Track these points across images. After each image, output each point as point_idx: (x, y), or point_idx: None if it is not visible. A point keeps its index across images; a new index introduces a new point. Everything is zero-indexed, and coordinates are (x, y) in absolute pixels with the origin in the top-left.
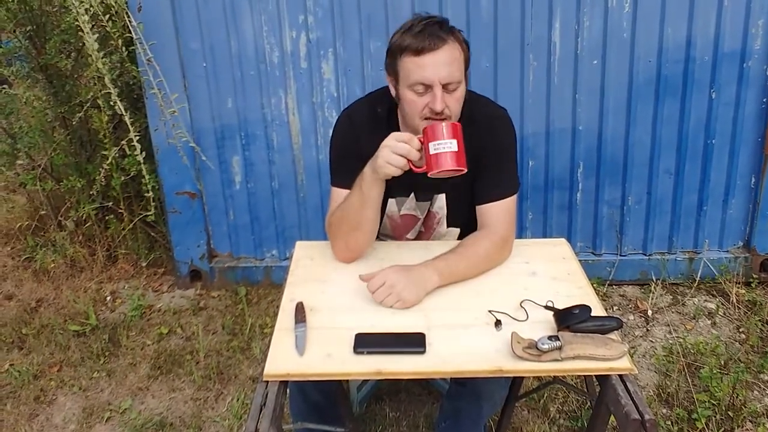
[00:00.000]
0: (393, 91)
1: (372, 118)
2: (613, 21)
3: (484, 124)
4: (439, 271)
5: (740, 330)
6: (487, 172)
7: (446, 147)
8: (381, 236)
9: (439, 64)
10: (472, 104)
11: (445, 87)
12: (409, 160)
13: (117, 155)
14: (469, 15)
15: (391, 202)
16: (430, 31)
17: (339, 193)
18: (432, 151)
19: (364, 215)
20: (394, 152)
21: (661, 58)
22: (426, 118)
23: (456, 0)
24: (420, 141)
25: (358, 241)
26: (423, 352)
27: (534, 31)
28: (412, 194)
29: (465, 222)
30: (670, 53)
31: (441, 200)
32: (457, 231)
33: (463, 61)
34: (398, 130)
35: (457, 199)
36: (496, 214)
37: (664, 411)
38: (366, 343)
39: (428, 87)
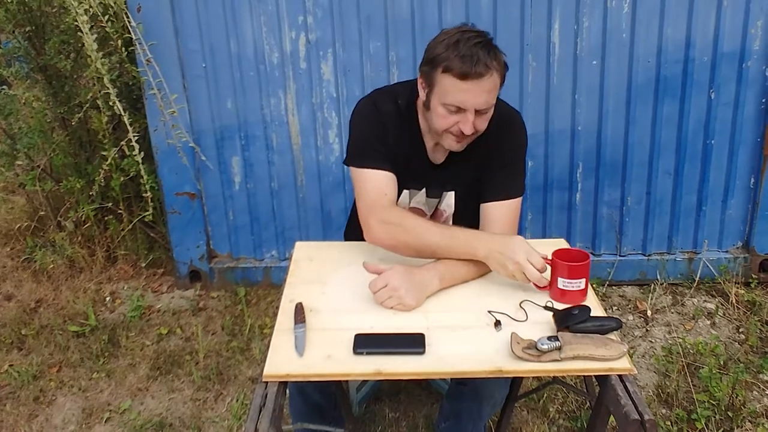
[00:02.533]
0: (422, 95)
1: (396, 110)
2: (612, 21)
3: (497, 124)
4: (441, 275)
5: (740, 330)
6: (495, 171)
7: (575, 286)
8: None
9: (479, 92)
10: None
11: (477, 111)
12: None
13: (116, 156)
14: (468, 16)
15: (405, 193)
16: (478, 56)
17: (372, 175)
18: (560, 286)
19: (437, 255)
20: (526, 271)
21: (660, 58)
22: (449, 132)
23: (455, 1)
24: (546, 262)
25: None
26: (422, 353)
27: (533, 32)
28: (424, 189)
29: (471, 222)
30: (670, 54)
31: (450, 198)
32: None
33: (499, 86)
34: (418, 126)
35: (466, 198)
36: (500, 214)
37: (664, 411)
38: (365, 343)
39: (462, 109)
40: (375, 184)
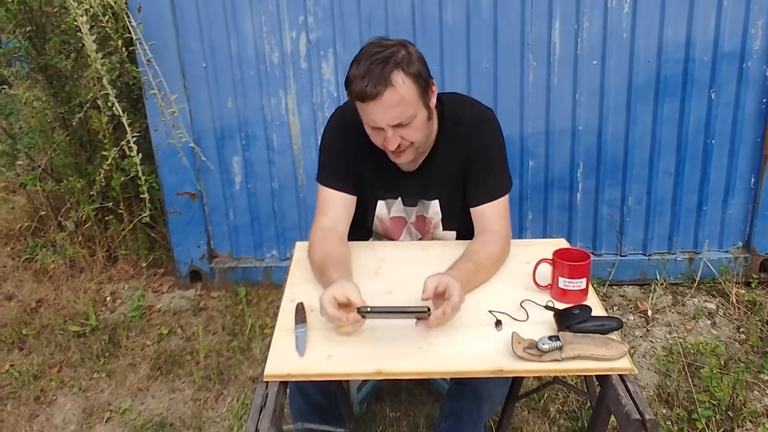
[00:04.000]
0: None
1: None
2: (612, 21)
3: (470, 126)
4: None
5: (740, 330)
6: (478, 174)
7: (576, 286)
8: (375, 236)
9: (383, 110)
10: (457, 107)
11: (397, 125)
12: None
13: (117, 156)
14: (469, 15)
15: (381, 204)
16: (372, 74)
17: (325, 194)
18: (561, 286)
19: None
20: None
21: (660, 58)
22: (384, 147)
23: (456, 0)
24: (547, 262)
25: None
26: (426, 314)
27: (534, 31)
28: (399, 198)
29: (460, 224)
30: (670, 53)
31: (435, 206)
32: (453, 234)
33: (414, 95)
34: None
35: (451, 203)
36: (493, 215)
37: (665, 411)
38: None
39: (380, 127)
40: (322, 202)
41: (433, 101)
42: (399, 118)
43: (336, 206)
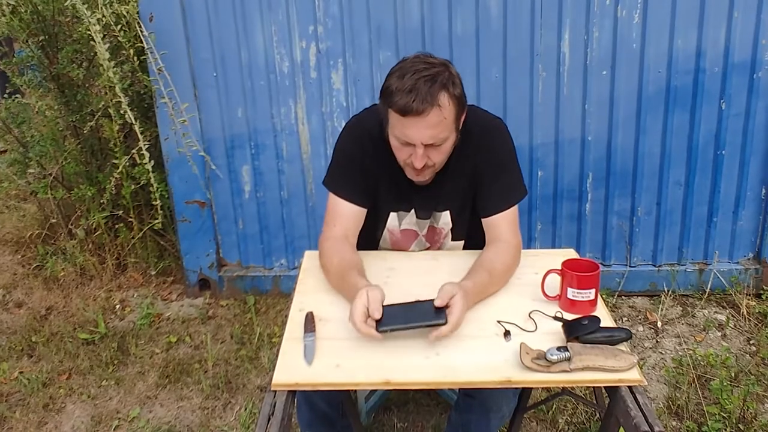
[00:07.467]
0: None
1: (379, 131)
2: (622, 32)
3: (480, 137)
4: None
5: (751, 342)
6: (489, 184)
7: (585, 296)
8: (381, 249)
9: (422, 128)
10: (466, 117)
11: (429, 145)
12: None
13: (127, 164)
14: (478, 25)
15: (393, 216)
16: (419, 91)
17: (336, 204)
18: (570, 296)
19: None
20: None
21: (670, 68)
22: (406, 164)
23: (465, 10)
24: (556, 272)
25: None
26: (444, 323)
27: (543, 42)
28: (413, 210)
29: (469, 234)
30: (680, 64)
31: (446, 216)
32: (461, 244)
33: (452, 118)
34: None
35: (461, 213)
36: (504, 224)
37: (674, 423)
38: (388, 319)
39: (410, 143)
40: (333, 211)
41: (460, 125)
42: (434, 138)
43: (347, 218)
